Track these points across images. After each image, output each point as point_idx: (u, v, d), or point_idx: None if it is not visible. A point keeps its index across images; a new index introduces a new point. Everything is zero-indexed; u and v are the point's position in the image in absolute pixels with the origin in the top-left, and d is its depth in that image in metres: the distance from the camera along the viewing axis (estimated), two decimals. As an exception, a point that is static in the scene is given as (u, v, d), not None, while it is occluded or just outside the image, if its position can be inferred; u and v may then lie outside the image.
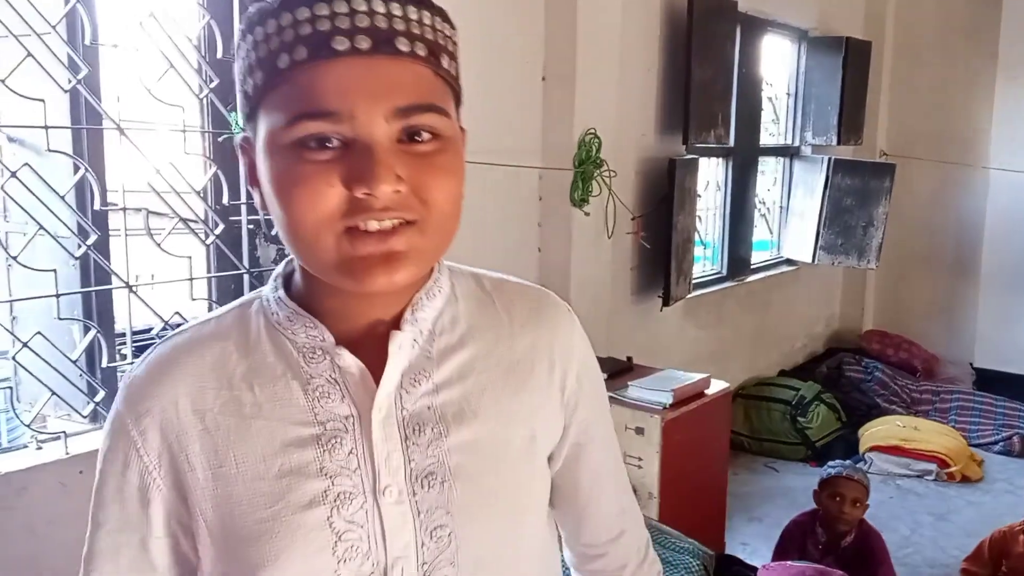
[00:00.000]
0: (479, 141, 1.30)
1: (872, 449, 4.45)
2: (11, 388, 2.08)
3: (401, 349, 0.77)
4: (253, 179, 0.75)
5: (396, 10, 0.69)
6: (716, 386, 3.23)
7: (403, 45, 0.68)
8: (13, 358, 2.00)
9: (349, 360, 0.76)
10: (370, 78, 0.67)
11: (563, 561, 0.96)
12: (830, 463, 3.04)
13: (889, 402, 5.11)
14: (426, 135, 0.70)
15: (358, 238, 0.69)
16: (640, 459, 2.90)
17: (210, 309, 2.39)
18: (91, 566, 0.80)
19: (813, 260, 5.22)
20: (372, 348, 0.77)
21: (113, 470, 0.78)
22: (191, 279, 2.25)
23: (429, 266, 0.78)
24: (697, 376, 3.16)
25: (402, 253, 0.70)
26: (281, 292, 0.79)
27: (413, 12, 0.70)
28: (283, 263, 0.83)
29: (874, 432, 4.56)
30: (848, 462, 3.09)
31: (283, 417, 0.75)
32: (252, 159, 0.75)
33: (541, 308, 0.86)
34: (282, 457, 0.74)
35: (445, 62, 0.72)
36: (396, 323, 0.78)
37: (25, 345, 1.96)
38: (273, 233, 2.46)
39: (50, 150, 1.97)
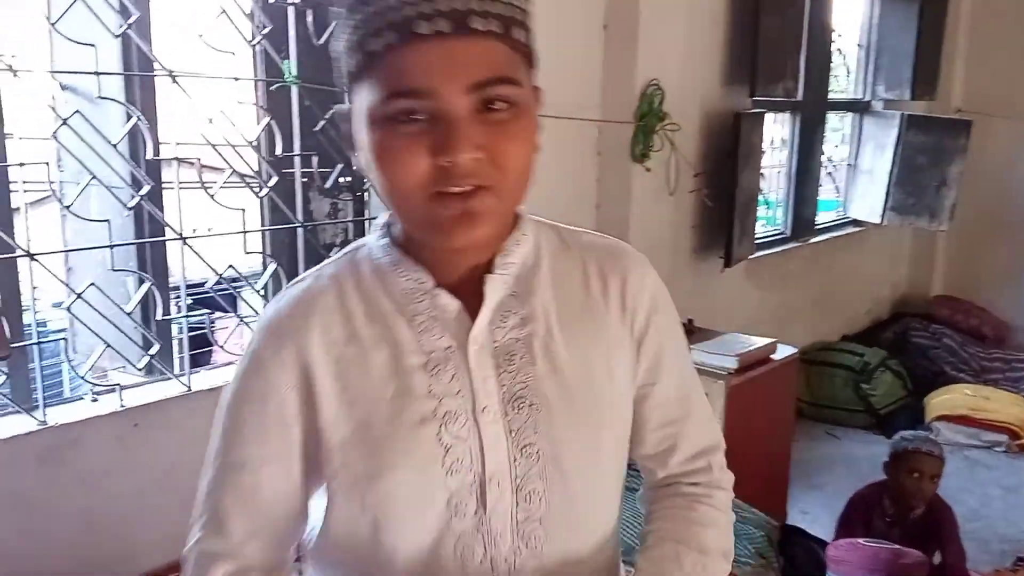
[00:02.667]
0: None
1: (939, 418, 4.30)
2: (66, 339, 2.07)
3: (494, 290, 0.87)
4: (350, 144, 0.85)
5: None
6: (782, 351, 3.12)
7: (478, 24, 0.75)
8: (68, 309, 1.99)
9: (446, 299, 0.87)
10: (449, 58, 0.75)
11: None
12: (903, 434, 2.89)
13: (957, 370, 4.93)
14: (500, 104, 0.78)
15: (443, 200, 0.78)
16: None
17: (264, 262, 2.35)
18: (228, 475, 0.87)
19: (882, 221, 5.02)
20: (468, 289, 0.87)
21: (251, 405, 0.87)
22: (244, 232, 2.21)
23: (504, 223, 0.87)
24: (763, 341, 3.05)
25: (479, 213, 0.79)
26: (385, 240, 0.90)
27: None
28: (384, 214, 0.91)
29: (941, 401, 4.41)
30: (923, 434, 2.94)
31: (395, 347, 0.86)
32: (350, 127, 0.84)
33: (613, 257, 0.95)
34: (396, 380, 0.85)
35: (516, 33, 0.79)
36: (488, 267, 0.88)
37: (79, 296, 1.94)
38: (327, 186, 2.40)
39: (101, 97, 1.93)
